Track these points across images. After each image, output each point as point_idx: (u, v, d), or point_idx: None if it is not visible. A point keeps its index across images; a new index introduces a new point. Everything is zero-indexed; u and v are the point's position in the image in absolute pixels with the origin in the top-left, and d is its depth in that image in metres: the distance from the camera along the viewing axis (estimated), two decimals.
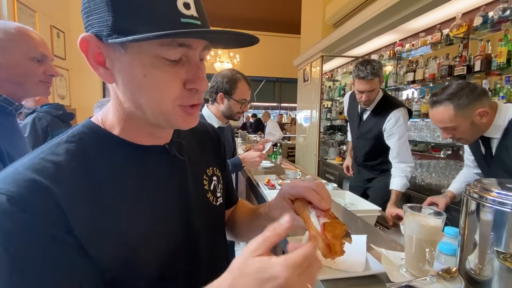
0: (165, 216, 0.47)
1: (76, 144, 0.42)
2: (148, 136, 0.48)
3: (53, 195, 0.36)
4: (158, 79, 0.40)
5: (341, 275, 0.61)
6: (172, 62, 0.39)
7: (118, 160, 0.44)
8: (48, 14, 2.77)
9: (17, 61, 0.84)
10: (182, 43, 0.39)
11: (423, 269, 0.59)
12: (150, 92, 0.40)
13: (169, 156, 0.51)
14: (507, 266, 0.53)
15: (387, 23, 2.84)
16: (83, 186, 0.39)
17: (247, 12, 6.25)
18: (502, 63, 1.82)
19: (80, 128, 0.45)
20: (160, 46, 0.38)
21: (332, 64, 4.56)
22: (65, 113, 1.58)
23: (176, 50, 0.39)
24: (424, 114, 2.48)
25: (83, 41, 0.39)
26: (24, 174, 0.36)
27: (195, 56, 0.42)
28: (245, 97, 1.48)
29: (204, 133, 0.65)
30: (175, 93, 0.41)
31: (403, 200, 2.16)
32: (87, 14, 0.39)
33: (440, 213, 0.59)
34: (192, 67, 0.41)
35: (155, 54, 0.38)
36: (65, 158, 0.40)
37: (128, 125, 0.46)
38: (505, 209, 0.53)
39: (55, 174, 0.38)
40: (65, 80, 3.06)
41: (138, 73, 0.39)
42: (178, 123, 0.44)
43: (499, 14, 1.87)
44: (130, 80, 0.40)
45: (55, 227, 0.36)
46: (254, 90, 8.54)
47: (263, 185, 1.59)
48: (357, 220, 1.08)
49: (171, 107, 0.42)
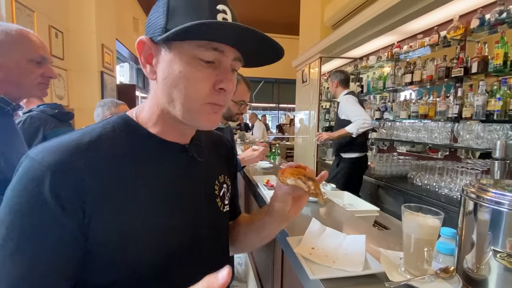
0: (173, 211, 0.49)
1: (109, 130, 0.47)
2: (174, 132, 0.52)
3: (80, 174, 0.40)
4: (191, 77, 0.44)
5: (340, 274, 0.62)
6: (205, 63, 0.44)
7: (142, 149, 0.48)
8: (47, 14, 2.76)
9: (17, 62, 0.86)
10: (216, 48, 0.44)
11: (421, 268, 0.60)
12: (183, 88, 0.45)
13: (188, 155, 0.54)
14: (504, 265, 0.54)
15: (385, 24, 2.86)
16: (109, 168, 0.43)
17: (246, 13, 6.26)
18: (499, 65, 1.84)
19: (115, 119, 0.50)
20: (197, 48, 0.43)
21: (331, 65, 4.57)
22: (62, 112, 1.56)
23: (210, 53, 0.44)
24: (421, 115, 2.49)
25: (140, 42, 0.46)
26: (61, 150, 0.41)
27: (226, 62, 0.46)
28: (244, 98, 1.49)
29: (220, 142, 0.68)
30: (204, 91, 0.45)
31: (401, 201, 2.18)
32: (149, 24, 0.47)
33: (439, 213, 0.60)
34: (222, 70, 0.46)
35: (192, 54, 0.44)
36: (98, 140, 0.45)
37: (159, 120, 0.50)
38: (502, 208, 0.54)
39: (86, 154, 0.42)
40: (63, 80, 3.05)
41: (175, 70, 0.44)
42: (202, 121, 0.48)
43: (495, 17, 1.89)
44: (168, 75, 0.45)
45: (68, 199, 0.39)
46: (252, 90, 8.53)
47: (262, 186, 1.59)
48: (356, 220, 1.08)
49: (199, 104, 0.46)
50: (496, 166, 1.59)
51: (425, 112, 2.46)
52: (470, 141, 2.04)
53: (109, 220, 0.42)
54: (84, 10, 3.19)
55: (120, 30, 4.12)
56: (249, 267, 2.20)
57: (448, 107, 2.22)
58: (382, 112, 3.11)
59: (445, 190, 1.98)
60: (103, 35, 3.44)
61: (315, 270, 0.64)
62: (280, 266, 1.27)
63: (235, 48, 0.46)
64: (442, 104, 2.28)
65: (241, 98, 1.48)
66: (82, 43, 3.23)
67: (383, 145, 3.43)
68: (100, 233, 0.41)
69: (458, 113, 2.12)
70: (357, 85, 3.65)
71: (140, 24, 5.51)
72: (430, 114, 2.42)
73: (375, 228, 1.29)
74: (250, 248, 0.73)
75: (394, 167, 2.68)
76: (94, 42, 3.28)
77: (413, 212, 0.61)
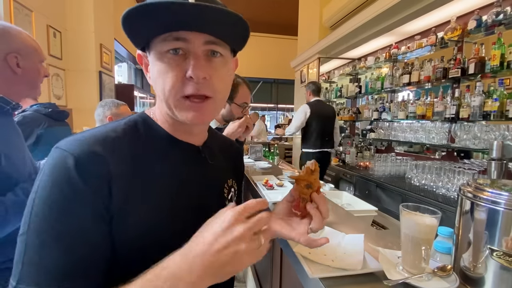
0: (185, 211, 0.50)
1: (131, 127, 0.50)
2: (184, 133, 0.53)
3: (108, 164, 0.43)
4: (163, 71, 0.45)
5: (339, 273, 0.62)
6: (173, 55, 0.45)
7: (160, 148, 0.50)
8: (45, 13, 2.75)
9: (34, 63, 0.94)
10: (177, 37, 0.44)
11: (419, 266, 0.61)
12: (159, 83, 0.46)
13: (201, 157, 0.56)
14: (500, 263, 0.55)
15: (383, 25, 2.88)
16: (130, 162, 0.46)
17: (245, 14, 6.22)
18: (496, 66, 1.86)
19: (136, 117, 0.53)
20: (162, 42, 0.44)
21: (329, 66, 4.59)
22: (56, 111, 1.55)
23: (172, 43, 0.44)
24: (419, 115, 2.51)
25: (138, 56, 0.51)
26: (89, 142, 0.43)
27: (195, 48, 0.45)
28: (246, 100, 1.50)
29: (230, 148, 0.70)
30: (176, 83, 0.45)
31: (399, 200, 2.19)
32: None
33: (436, 212, 0.61)
34: (191, 59, 0.45)
35: (159, 50, 0.45)
36: (122, 135, 0.47)
37: (168, 120, 0.52)
38: (498, 208, 0.55)
39: (112, 147, 0.44)
40: (61, 80, 3.04)
41: (154, 70, 0.47)
42: (182, 115, 0.48)
43: (492, 18, 1.91)
44: (152, 77, 0.48)
45: (97, 192, 0.41)
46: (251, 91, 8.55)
47: (261, 186, 1.59)
48: (354, 220, 1.09)
49: (176, 98, 0.46)
50: (493, 166, 1.60)
51: (422, 113, 2.48)
52: (467, 142, 2.06)
53: (127, 213, 0.43)
54: (83, 10, 3.19)
55: (119, 30, 4.10)
56: (248, 267, 2.20)
57: (446, 107, 2.24)
58: (380, 113, 3.12)
59: (443, 190, 2.00)
60: (101, 35, 3.43)
61: (314, 269, 0.64)
62: (279, 265, 1.27)
63: (203, 33, 0.44)
64: (440, 105, 2.29)
65: (243, 100, 1.48)
66: (81, 42, 3.22)
67: (381, 146, 3.45)
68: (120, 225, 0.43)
69: (455, 114, 2.13)
70: (355, 86, 3.67)
71: None
72: (427, 114, 2.43)
73: (374, 227, 1.30)
74: None
75: (392, 167, 2.69)
76: (92, 42, 3.28)
77: (411, 211, 0.62)
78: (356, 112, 3.71)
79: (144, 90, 6.46)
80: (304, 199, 0.55)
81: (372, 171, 2.79)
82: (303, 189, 0.54)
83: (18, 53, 0.88)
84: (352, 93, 3.72)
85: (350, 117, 3.77)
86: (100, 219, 0.41)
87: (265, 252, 0.42)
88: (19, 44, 0.89)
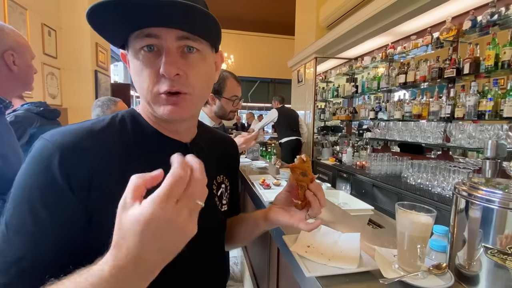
0: None
1: (118, 122, 0.50)
2: (171, 130, 0.53)
3: (90, 159, 0.42)
4: (138, 69, 0.45)
5: (336, 271, 0.63)
6: (147, 52, 0.44)
7: (146, 144, 0.50)
8: (39, 12, 2.72)
9: (27, 61, 0.95)
10: (148, 34, 0.43)
11: (414, 265, 0.61)
12: (136, 81, 0.47)
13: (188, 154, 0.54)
14: (494, 261, 0.55)
15: (379, 25, 2.89)
16: (115, 157, 0.45)
17: (241, 13, 6.26)
18: (490, 66, 1.88)
19: (123, 112, 0.53)
20: (135, 40, 0.44)
21: (326, 66, 4.60)
22: (47, 110, 1.53)
23: (144, 40, 0.44)
24: (415, 115, 2.53)
25: (122, 55, 0.50)
26: (73, 134, 0.43)
27: (167, 44, 0.44)
28: (235, 93, 1.47)
29: (223, 144, 0.69)
30: (151, 80, 0.45)
31: (395, 199, 2.20)
32: None
33: (431, 211, 0.61)
34: (164, 55, 0.44)
35: (134, 48, 0.45)
36: (107, 130, 0.47)
37: (149, 117, 0.52)
38: (492, 206, 0.55)
39: (96, 141, 0.44)
40: (56, 79, 3.01)
41: (132, 68, 0.47)
42: (159, 111, 0.47)
43: (487, 18, 1.93)
44: (131, 75, 0.48)
45: (76, 188, 0.40)
46: (248, 90, 8.54)
47: (258, 185, 1.59)
48: (351, 219, 1.09)
49: (153, 95, 0.46)
50: (487, 165, 1.62)
51: (418, 112, 2.49)
52: (462, 141, 2.08)
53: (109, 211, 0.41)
54: (78, 8, 3.16)
55: None
56: (245, 266, 2.20)
57: (441, 107, 2.26)
58: (376, 112, 3.14)
59: (438, 189, 2.01)
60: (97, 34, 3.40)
61: (310, 267, 0.64)
62: (276, 265, 1.27)
63: (175, 28, 0.43)
64: (435, 105, 2.31)
65: (233, 93, 1.46)
66: (76, 41, 3.19)
67: (378, 145, 3.46)
68: (98, 224, 0.42)
69: (450, 113, 2.15)
70: (352, 85, 3.68)
71: None
72: (423, 114, 2.45)
73: (370, 226, 1.30)
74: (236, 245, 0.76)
75: (388, 166, 2.70)
76: (88, 41, 3.25)
77: (407, 210, 0.62)
78: (353, 111, 3.72)
79: None
80: (302, 186, 0.58)
81: (369, 170, 2.80)
82: (299, 176, 0.58)
83: (14, 50, 0.88)
84: (349, 92, 3.74)
85: (346, 117, 3.79)
86: (73, 217, 0.41)
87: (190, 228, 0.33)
88: (14, 42, 0.89)
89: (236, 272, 2.43)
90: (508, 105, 1.73)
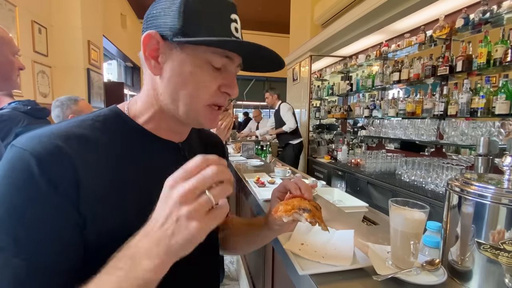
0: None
1: (101, 123, 0.47)
2: (168, 131, 0.52)
3: (74, 163, 0.39)
4: (201, 79, 0.46)
5: (329, 269, 0.62)
6: (215, 68, 0.47)
7: (133, 144, 0.48)
8: (29, 9, 2.66)
9: (6, 56, 0.91)
10: (228, 55, 0.47)
11: (408, 261, 0.61)
12: (191, 88, 0.46)
13: (179, 154, 0.54)
14: (487, 256, 0.55)
15: (373, 23, 2.90)
16: (100, 160, 0.43)
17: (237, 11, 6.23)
18: (482, 64, 1.89)
19: (106, 111, 0.50)
20: (211, 54, 0.46)
21: (321, 64, 4.61)
22: (35, 109, 1.49)
23: (221, 60, 0.47)
24: (409, 113, 2.54)
25: (148, 36, 0.45)
26: (50, 138, 0.39)
27: (232, 68, 0.49)
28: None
29: (212, 142, 0.70)
30: (210, 92, 0.48)
31: (390, 196, 2.22)
32: (155, 17, 0.46)
33: (424, 207, 0.61)
34: (229, 76, 0.49)
35: (205, 59, 0.46)
36: (89, 132, 0.44)
37: (155, 116, 0.50)
38: (485, 201, 0.55)
39: (78, 145, 0.41)
40: (47, 78, 2.95)
41: (186, 70, 0.46)
42: (204, 122, 0.50)
43: (479, 16, 1.94)
44: (177, 74, 0.46)
45: (65, 195, 0.38)
46: (243, 89, 8.52)
47: (253, 183, 1.59)
48: (345, 216, 1.09)
49: (203, 105, 0.48)
50: (480, 161, 1.63)
51: (412, 110, 2.51)
52: (455, 138, 2.10)
53: (99, 216, 0.41)
54: (69, 5, 3.10)
55: (107, 27, 4.03)
56: (241, 265, 2.20)
57: (434, 105, 2.27)
58: (371, 110, 3.15)
59: (432, 185, 2.03)
60: (89, 31, 3.35)
61: (304, 265, 0.64)
62: (271, 263, 1.27)
63: (241, 56, 0.50)
64: (429, 102, 2.33)
65: None
66: (67, 39, 3.14)
67: (372, 143, 3.48)
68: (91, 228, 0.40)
69: (443, 111, 2.17)
70: (346, 84, 3.69)
71: (128, 20, 5.40)
72: (417, 111, 2.47)
73: (364, 223, 1.30)
74: (241, 252, 0.76)
75: (383, 164, 2.72)
76: (79, 38, 3.20)
77: (400, 206, 0.62)
78: (348, 109, 3.73)
79: (134, 88, 6.35)
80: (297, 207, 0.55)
81: (363, 168, 2.82)
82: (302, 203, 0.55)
83: None
84: (344, 91, 3.75)
85: (341, 115, 3.80)
86: (70, 225, 0.39)
87: (221, 215, 0.35)
88: None
89: (232, 270, 2.43)
90: (499, 102, 1.75)
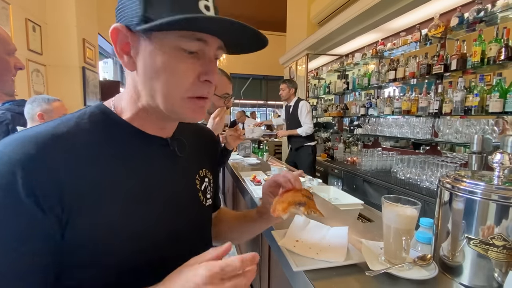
0: (153, 207, 0.47)
1: (86, 121, 0.45)
2: (155, 126, 0.50)
3: (58, 167, 0.38)
4: (174, 68, 0.42)
5: (323, 265, 0.63)
6: (189, 54, 0.43)
7: (121, 142, 0.46)
8: (23, 6, 2.63)
9: (0, 56, 0.88)
10: (200, 38, 0.42)
11: (400, 257, 0.62)
12: (166, 79, 0.43)
13: (169, 149, 0.53)
14: (477, 252, 0.57)
15: (369, 22, 2.91)
16: (86, 162, 0.41)
17: (232, 9, 6.20)
18: (476, 62, 1.91)
19: (91, 109, 0.48)
20: (181, 38, 0.41)
21: (317, 62, 4.61)
22: None
23: (194, 43, 0.42)
24: (404, 111, 2.56)
25: (114, 30, 0.42)
26: (32, 142, 0.38)
27: (210, 52, 0.45)
28: (227, 91, 1.47)
29: (204, 137, 0.68)
30: (188, 82, 0.44)
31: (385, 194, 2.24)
32: (121, 9, 0.43)
33: (416, 203, 0.62)
34: (206, 61, 0.45)
35: (175, 45, 0.42)
36: (74, 131, 0.42)
37: (139, 113, 0.48)
38: (475, 197, 0.56)
39: (62, 146, 0.39)
40: (42, 76, 2.93)
41: (158, 61, 0.42)
42: (186, 115, 0.47)
43: (474, 15, 1.96)
44: (150, 67, 0.43)
45: (44, 197, 0.36)
46: (240, 87, 8.50)
47: (249, 181, 1.59)
48: (341, 213, 1.11)
49: (183, 97, 0.44)
50: (473, 159, 1.66)
51: (407, 108, 2.53)
52: (449, 136, 2.12)
53: (86, 218, 0.40)
54: (64, 3, 3.07)
55: (103, 25, 3.99)
56: None
57: (429, 103, 2.29)
58: (367, 108, 3.17)
59: (426, 183, 2.05)
60: (84, 29, 3.32)
61: (298, 262, 0.64)
62: (267, 260, 1.28)
63: (220, 38, 0.45)
64: (424, 100, 2.35)
65: (224, 91, 1.45)
66: (62, 37, 3.11)
67: (368, 141, 3.50)
68: (78, 232, 0.40)
69: (438, 109, 2.19)
70: (343, 82, 3.70)
71: None
72: (412, 110, 2.49)
73: (360, 221, 1.32)
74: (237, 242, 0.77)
75: (379, 161, 2.74)
76: (74, 37, 3.16)
77: (392, 202, 0.63)
78: (344, 108, 3.75)
79: None
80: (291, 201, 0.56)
81: (359, 166, 2.83)
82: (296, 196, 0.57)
83: None
84: (340, 89, 3.76)
85: (338, 113, 3.81)
86: (44, 235, 0.37)
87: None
88: None
89: None
90: (493, 101, 1.77)
